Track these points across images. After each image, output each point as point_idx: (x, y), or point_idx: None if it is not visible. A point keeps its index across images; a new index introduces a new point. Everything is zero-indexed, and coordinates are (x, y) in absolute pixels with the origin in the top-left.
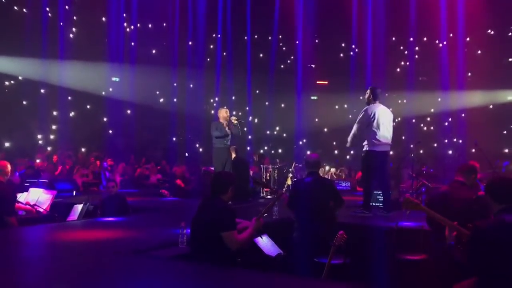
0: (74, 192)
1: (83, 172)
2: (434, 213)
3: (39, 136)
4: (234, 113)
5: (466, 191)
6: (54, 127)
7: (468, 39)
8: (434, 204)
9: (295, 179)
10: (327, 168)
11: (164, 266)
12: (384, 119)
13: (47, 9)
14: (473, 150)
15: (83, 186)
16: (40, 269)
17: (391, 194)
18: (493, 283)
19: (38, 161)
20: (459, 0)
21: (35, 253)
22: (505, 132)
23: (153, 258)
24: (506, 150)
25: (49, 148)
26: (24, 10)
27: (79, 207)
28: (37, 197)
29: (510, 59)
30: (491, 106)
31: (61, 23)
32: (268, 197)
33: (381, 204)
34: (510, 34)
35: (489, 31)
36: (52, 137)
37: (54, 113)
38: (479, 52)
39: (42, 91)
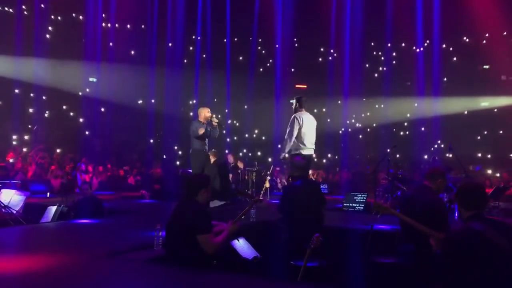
0: (48, 194)
1: (58, 173)
2: (404, 216)
3: (14, 137)
4: (214, 115)
5: (429, 194)
6: (29, 126)
7: (444, 45)
8: (400, 207)
9: (280, 182)
10: None
11: (139, 269)
12: (309, 125)
13: (23, 7)
14: (450, 155)
15: (60, 187)
16: (11, 273)
17: (367, 196)
18: None
19: (11, 160)
20: (435, 7)
21: (6, 256)
22: (479, 137)
23: (128, 261)
24: (479, 155)
25: (24, 149)
26: None
27: (52, 209)
28: (9, 198)
29: (484, 66)
30: (465, 112)
31: (37, 21)
32: (247, 200)
33: (358, 205)
34: (484, 42)
35: (465, 38)
36: (26, 137)
37: (30, 110)
38: (455, 59)
39: (16, 91)
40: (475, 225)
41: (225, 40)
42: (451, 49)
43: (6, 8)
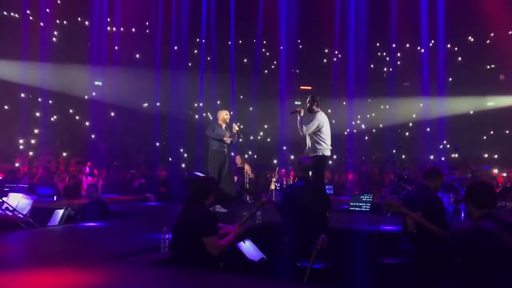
0: (55, 197)
1: (64, 176)
2: (415, 214)
3: (20, 141)
4: (235, 124)
5: (428, 193)
6: (36, 131)
7: (449, 45)
8: (403, 206)
9: (286, 184)
10: None
11: (146, 272)
12: (328, 126)
13: (28, 11)
14: (456, 155)
15: (64, 191)
16: (19, 276)
17: (373, 197)
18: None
19: (17, 165)
20: (440, 7)
21: (13, 259)
22: (485, 137)
23: (135, 264)
24: (486, 155)
25: (30, 153)
26: (4, 12)
27: (59, 212)
28: (16, 202)
29: (489, 66)
30: (471, 112)
31: (42, 25)
32: (252, 200)
33: (364, 204)
34: (489, 41)
35: (470, 38)
36: (33, 141)
37: (37, 114)
38: (460, 58)
39: (22, 95)
40: (486, 224)
41: (229, 42)
42: (456, 49)
43: (12, 13)
